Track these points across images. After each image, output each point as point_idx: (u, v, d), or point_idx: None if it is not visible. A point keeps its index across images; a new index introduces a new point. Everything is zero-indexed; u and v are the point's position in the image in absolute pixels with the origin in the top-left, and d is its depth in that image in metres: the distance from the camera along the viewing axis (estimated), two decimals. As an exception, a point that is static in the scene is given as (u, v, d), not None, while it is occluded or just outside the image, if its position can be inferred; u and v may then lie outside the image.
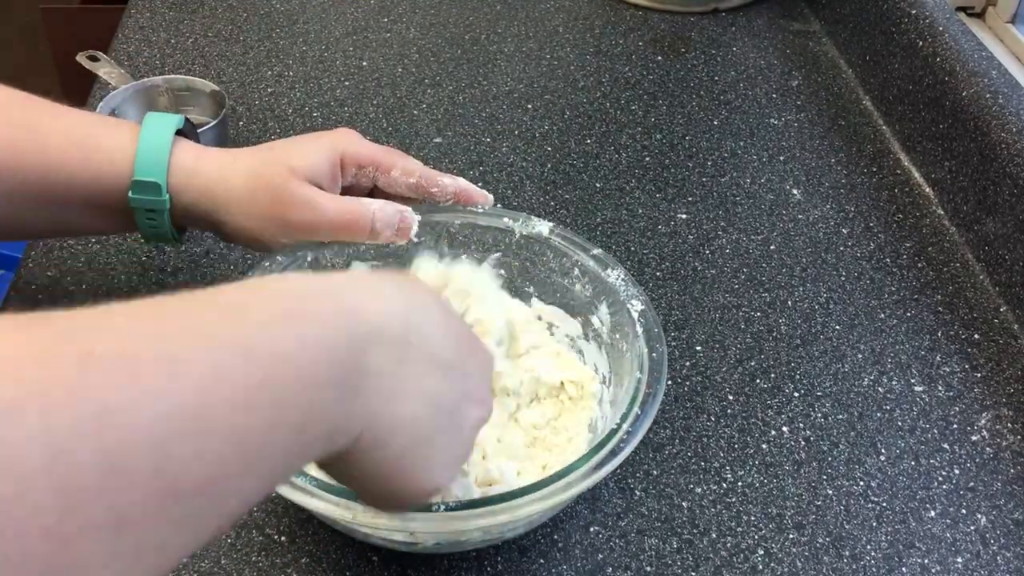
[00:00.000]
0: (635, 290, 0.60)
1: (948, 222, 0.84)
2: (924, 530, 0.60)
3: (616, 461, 0.50)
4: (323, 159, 0.60)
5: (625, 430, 0.51)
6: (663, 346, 0.56)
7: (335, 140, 0.62)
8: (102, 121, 0.61)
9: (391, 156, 0.62)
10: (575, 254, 0.63)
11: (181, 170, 0.59)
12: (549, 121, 0.93)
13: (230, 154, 0.61)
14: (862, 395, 0.68)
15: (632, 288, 0.60)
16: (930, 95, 0.87)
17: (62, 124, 0.59)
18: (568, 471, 0.49)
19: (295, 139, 0.63)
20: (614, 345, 0.60)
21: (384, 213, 0.60)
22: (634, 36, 1.06)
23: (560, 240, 0.64)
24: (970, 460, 0.64)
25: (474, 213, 0.65)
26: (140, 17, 1.03)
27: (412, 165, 0.63)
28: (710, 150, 0.90)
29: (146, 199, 0.59)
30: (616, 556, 0.57)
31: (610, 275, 0.61)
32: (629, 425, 0.52)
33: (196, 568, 0.55)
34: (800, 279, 0.77)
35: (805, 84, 1.00)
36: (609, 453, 0.50)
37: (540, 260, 0.65)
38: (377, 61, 0.99)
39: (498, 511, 0.48)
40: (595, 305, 0.62)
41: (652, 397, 0.53)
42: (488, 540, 0.55)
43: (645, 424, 0.52)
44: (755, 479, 0.62)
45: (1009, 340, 0.73)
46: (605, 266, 0.62)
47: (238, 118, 0.90)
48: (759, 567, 0.57)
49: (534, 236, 0.64)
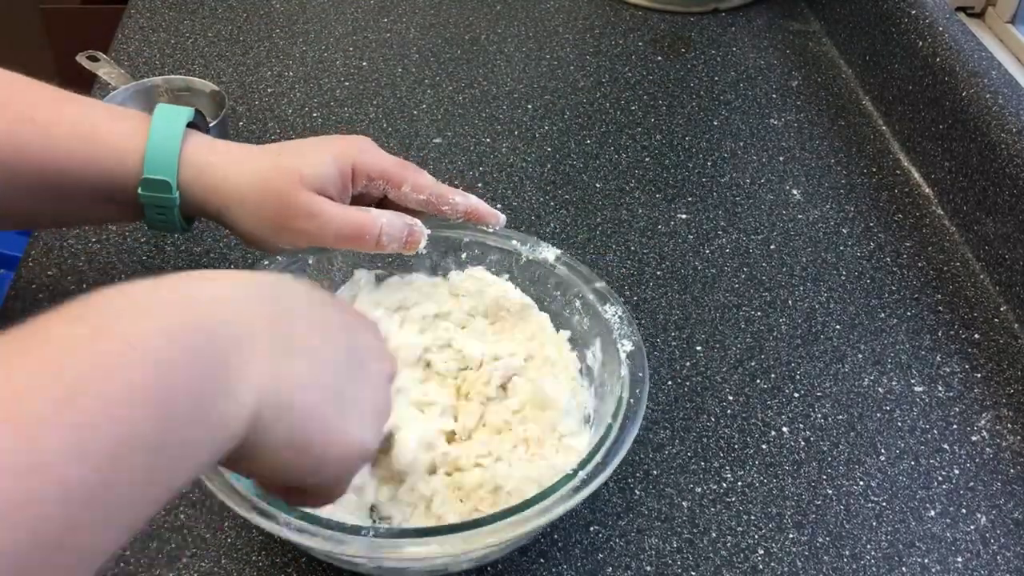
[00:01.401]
0: (629, 330, 0.59)
1: (948, 222, 0.84)
2: (924, 530, 0.60)
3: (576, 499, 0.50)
4: (333, 168, 0.59)
5: (582, 476, 0.51)
6: (644, 391, 0.56)
7: (347, 148, 0.60)
8: (108, 113, 0.60)
9: (403, 170, 0.61)
10: (577, 285, 0.63)
11: (191, 167, 0.58)
12: (549, 121, 0.93)
13: (241, 152, 0.60)
14: (862, 395, 0.68)
15: (627, 327, 0.59)
16: (930, 95, 0.87)
17: (68, 115, 0.57)
18: (536, 500, 0.49)
19: (307, 143, 0.62)
20: (603, 384, 0.60)
21: (392, 227, 0.59)
22: (634, 36, 1.06)
23: (565, 269, 0.64)
24: (970, 460, 0.64)
25: (484, 232, 0.65)
26: (140, 17, 1.03)
27: (424, 181, 0.61)
28: (710, 150, 0.90)
29: (156, 196, 0.58)
30: (616, 556, 0.57)
31: (607, 311, 0.61)
32: (586, 473, 0.51)
33: (196, 568, 0.55)
34: (800, 279, 0.77)
35: (805, 84, 1.00)
36: (570, 491, 0.50)
37: (543, 288, 0.65)
38: (377, 61, 0.99)
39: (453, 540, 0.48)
40: (591, 340, 0.62)
41: (618, 444, 0.53)
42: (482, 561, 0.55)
43: (606, 472, 0.51)
44: (755, 479, 0.62)
45: (1009, 340, 0.73)
46: (605, 301, 0.61)
47: (238, 118, 0.90)
48: (759, 566, 0.57)
49: (539, 262, 0.64)
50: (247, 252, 0.75)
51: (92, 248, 0.75)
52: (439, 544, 0.47)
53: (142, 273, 0.73)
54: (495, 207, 0.81)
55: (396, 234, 0.59)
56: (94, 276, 0.73)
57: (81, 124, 0.57)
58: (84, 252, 0.74)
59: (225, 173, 0.59)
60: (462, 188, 0.82)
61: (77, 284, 0.72)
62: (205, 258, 0.74)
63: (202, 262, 0.74)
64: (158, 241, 0.76)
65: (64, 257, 0.74)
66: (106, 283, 0.71)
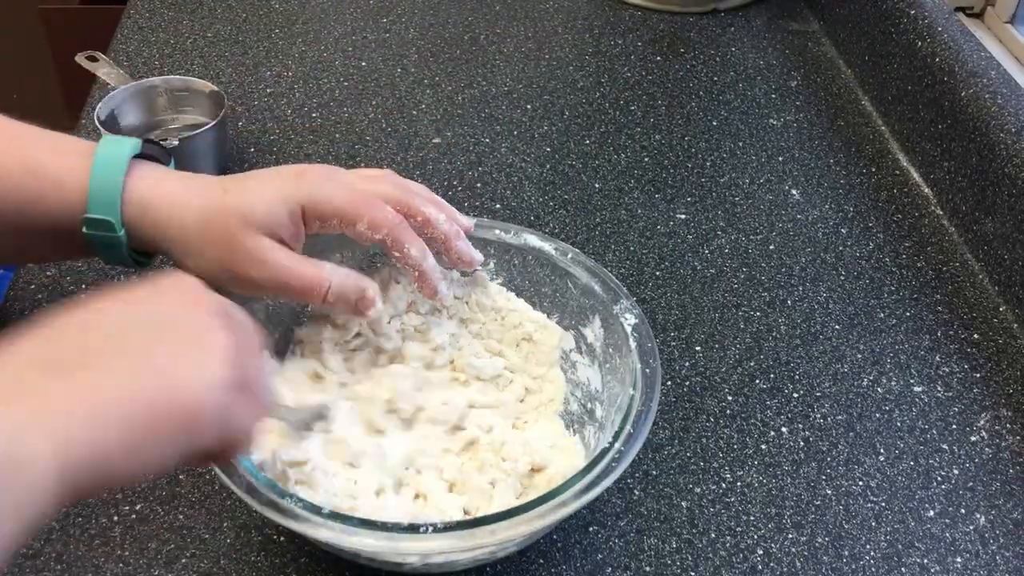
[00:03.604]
0: (629, 304, 0.59)
1: (947, 222, 0.84)
2: (923, 530, 0.60)
3: (610, 479, 0.49)
4: (282, 210, 0.54)
5: (617, 449, 0.51)
6: (656, 361, 0.56)
7: (300, 186, 0.55)
8: (53, 146, 0.56)
9: (358, 208, 0.55)
10: (568, 266, 0.63)
11: (135, 204, 0.55)
12: (548, 121, 0.93)
13: (190, 188, 0.56)
14: (861, 395, 0.68)
15: (626, 301, 0.60)
16: (929, 95, 0.87)
17: (17, 148, 0.55)
18: (561, 490, 0.49)
19: (256, 178, 0.57)
20: (607, 361, 0.60)
21: (342, 288, 0.55)
22: (633, 36, 1.06)
23: (554, 251, 0.63)
24: (969, 460, 0.64)
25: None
26: (139, 17, 1.03)
27: (380, 218, 0.55)
28: (709, 150, 0.90)
29: (101, 235, 0.55)
30: (615, 556, 0.57)
31: (600, 287, 0.61)
32: (621, 444, 0.51)
33: (195, 568, 0.55)
34: (799, 279, 0.77)
35: (804, 84, 1.00)
36: (601, 472, 0.50)
37: (532, 270, 0.64)
38: (376, 61, 0.99)
39: (484, 533, 0.47)
40: (588, 317, 0.62)
41: (644, 415, 0.53)
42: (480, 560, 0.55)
43: (637, 444, 0.51)
44: (754, 479, 0.62)
45: (1008, 340, 0.73)
46: (595, 276, 0.61)
47: (237, 118, 0.90)
48: (758, 567, 0.57)
49: (528, 248, 0.64)
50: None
51: (91, 248, 0.75)
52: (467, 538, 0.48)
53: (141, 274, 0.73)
54: (494, 207, 0.81)
55: (346, 295, 0.55)
56: (93, 277, 0.73)
57: (28, 158, 0.55)
58: (83, 252, 0.74)
59: (169, 212, 0.55)
60: (461, 188, 0.83)
61: (76, 284, 0.72)
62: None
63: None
64: (157, 241, 0.76)
65: (63, 257, 0.74)
66: (105, 283, 0.72)
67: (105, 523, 0.57)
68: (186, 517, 0.58)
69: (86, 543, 0.56)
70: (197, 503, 0.58)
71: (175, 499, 0.59)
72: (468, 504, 0.56)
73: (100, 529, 0.57)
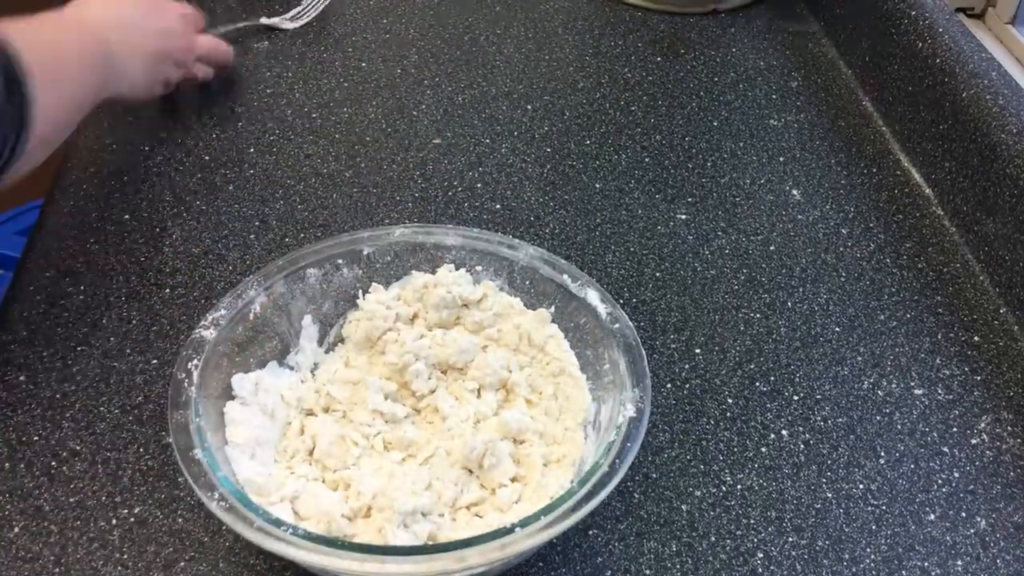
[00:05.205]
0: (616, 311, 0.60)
1: (948, 223, 0.84)
2: (924, 533, 0.60)
3: (599, 498, 0.50)
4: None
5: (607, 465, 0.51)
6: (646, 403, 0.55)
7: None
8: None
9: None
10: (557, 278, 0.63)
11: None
12: (548, 122, 0.92)
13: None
14: (862, 398, 0.68)
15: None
16: (930, 96, 0.86)
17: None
18: (550, 509, 0.49)
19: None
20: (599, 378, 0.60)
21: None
22: (633, 37, 1.06)
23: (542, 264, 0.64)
24: (970, 463, 0.64)
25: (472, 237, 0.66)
26: (139, 17, 1.03)
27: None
28: (709, 151, 0.90)
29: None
30: (615, 559, 0.57)
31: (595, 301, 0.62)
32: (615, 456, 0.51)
33: (194, 572, 0.55)
34: (800, 280, 0.77)
35: (805, 85, 1.00)
36: (591, 490, 0.50)
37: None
38: (376, 62, 0.99)
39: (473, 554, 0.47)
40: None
41: (636, 424, 0.53)
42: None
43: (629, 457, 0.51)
44: (755, 482, 0.62)
45: (1009, 342, 0.73)
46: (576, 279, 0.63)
47: (237, 118, 0.90)
48: (758, 570, 0.57)
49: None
50: (246, 252, 0.75)
51: (91, 249, 0.75)
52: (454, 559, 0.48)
53: (140, 274, 0.73)
54: (494, 208, 0.81)
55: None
56: (92, 277, 0.72)
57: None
58: (82, 253, 0.74)
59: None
60: (461, 189, 0.83)
61: (75, 285, 0.72)
62: (204, 259, 0.74)
63: (200, 262, 0.74)
64: (157, 242, 0.76)
65: (62, 258, 0.74)
66: (104, 284, 0.72)
67: (104, 526, 0.57)
68: (185, 520, 0.58)
69: (84, 546, 0.56)
70: (196, 506, 0.58)
71: (174, 502, 0.59)
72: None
73: (99, 532, 0.57)
